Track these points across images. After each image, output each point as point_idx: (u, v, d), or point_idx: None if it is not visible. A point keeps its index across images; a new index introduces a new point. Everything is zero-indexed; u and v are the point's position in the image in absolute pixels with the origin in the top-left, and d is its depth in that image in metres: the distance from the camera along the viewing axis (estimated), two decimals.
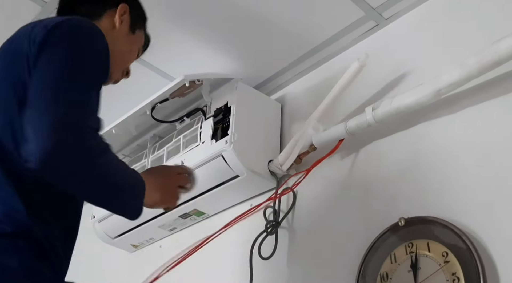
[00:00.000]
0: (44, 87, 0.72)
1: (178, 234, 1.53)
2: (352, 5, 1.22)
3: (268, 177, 1.30)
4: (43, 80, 0.73)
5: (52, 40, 0.77)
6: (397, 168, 1.10)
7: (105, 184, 0.75)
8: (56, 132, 0.68)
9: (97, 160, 0.72)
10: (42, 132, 0.68)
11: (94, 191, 0.75)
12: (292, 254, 1.22)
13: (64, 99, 0.71)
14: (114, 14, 0.96)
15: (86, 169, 0.71)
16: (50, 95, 0.71)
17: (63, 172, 0.70)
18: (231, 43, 1.36)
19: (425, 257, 0.96)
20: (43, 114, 0.69)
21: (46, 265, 0.74)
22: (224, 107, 1.34)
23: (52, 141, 0.67)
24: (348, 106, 1.24)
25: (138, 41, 1.02)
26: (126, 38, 0.98)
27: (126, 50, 0.99)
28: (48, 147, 0.67)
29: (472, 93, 1.02)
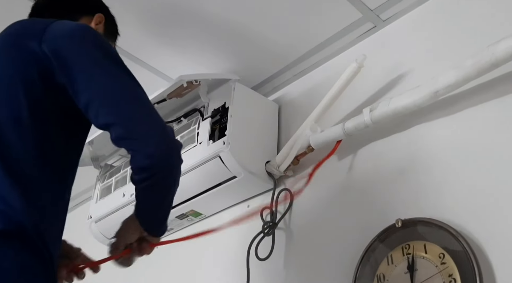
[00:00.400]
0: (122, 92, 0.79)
1: (175, 235, 1.52)
2: (350, 7, 1.22)
3: (265, 178, 1.30)
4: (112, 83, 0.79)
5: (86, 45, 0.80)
6: (394, 169, 1.10)
7: (172, 196, 0.87)
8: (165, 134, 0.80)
9: (179, 168, 0.85)
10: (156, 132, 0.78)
11: (167, 197, 0.86)
12: (289, 255, 1.22)
13: (146, 102, 0.82)
14: (90, 22, 0.97)
15: (177, 173, 0.84)
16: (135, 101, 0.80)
17: (169, 168, 0.81)
18: (229, 44, 1.36)
19: (421, 258, 0.96)
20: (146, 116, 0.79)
21: (39, 263, 0.74)
22: (221, 107, 1.34)
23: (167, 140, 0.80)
24: (345, 107, 1.24)
25: (111, 42, 1.03)
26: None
27: None
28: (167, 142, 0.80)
29: (469, 95, 1.02)
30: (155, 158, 0.78)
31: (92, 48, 0.80)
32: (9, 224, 0.72)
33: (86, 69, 0.78)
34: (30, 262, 0.73)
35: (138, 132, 0.77)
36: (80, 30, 0.82)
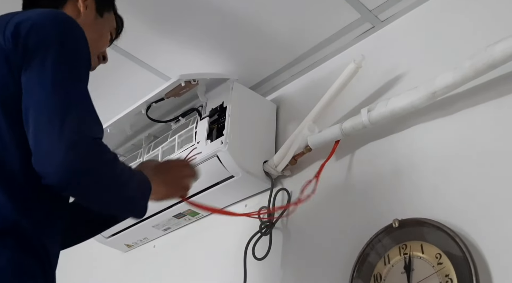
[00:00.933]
0: (47, 101, 0.72)
1: (172, 234, 1.52)
2: (348, 7, 1.22)
3: (262, 177, 1.30)
4: (43, 92, 0.73)
5: (38, 43, 0.76)
6: (392, 170, 1.11)
7: (119, 193, 0.78)
8: (73, 148, 0.70)
9: (114, 171, 0.75)
10: (58, 149, 0.69)
11: (108, 200, 0.78)
12: (286, 255, 1.22)
13: (73, 110, 0.72)
14: (78, 1, 0.93)
15: (103, 181, 0.74)
16: (56, 111, 0.72)
17: (83, 186, 0.72)
18: (227, 44, 1.36)
19: (418, 258, 0.96)
20: (55, 130, 0.70)
21: (35, 263, 0.73)
22: (219, 107, 1.34)
23: (70, 157, 0.69)
24: (343, 108, 1.24)
25: (108, 24, 0.98)
26: (94, 23, 0.94)
27: (96, 36, 0.95)
28: (67, 164, 0.69)
29: (466, 96, 1.02)
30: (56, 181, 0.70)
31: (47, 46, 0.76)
32: (4, 223, 0.72)
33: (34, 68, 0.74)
34: (26, 261, 0.72)
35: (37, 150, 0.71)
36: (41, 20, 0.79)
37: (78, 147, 0.70)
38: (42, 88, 0.73)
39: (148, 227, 1.48)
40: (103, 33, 0.97)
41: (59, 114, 0.71)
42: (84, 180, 0.72)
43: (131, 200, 0.80)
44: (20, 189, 0.75)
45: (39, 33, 0.77)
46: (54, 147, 0.69)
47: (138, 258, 1.60)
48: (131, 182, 0.80)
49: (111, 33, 1.00)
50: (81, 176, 0.71)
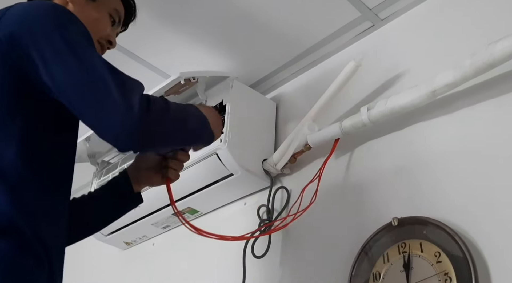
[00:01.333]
0: (82, 82, 0.74)
1: (171, 232, 1.52)
2: (348, 5, 1.22)
3: (262, 176, 1.30)
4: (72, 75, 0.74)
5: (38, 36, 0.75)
6: (391, 168, 1.11)
7: (183, 129, 0.84)
8: (129, 107, 0.73)
9: (169, 113, 0.80)
10: (117, 113, 0.73)
11: (176, 140, 0.85)
12: (285, 253, 1.22)
13: (106, 71, 0.75)
14: None
15: (168, 126, 0.79)
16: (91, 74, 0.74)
17: (154, 138, 0.77)
18: (227, 42, 1.36)
19: (417, 257, 0.96)
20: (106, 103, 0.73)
21: (34, 262, 0.72)
22: (219, 105, 1.34)
23: (132, 117, 0.73)
24: (343, 106, 1.24)
25: (103, 5, 0.94)
26: (85, 7, 0.91)
27: (89, 21, 0.90)
28: (131, 124, 0.73)
29: (466, 95, 1.02)
30: (125, 145, 0.75)
31: (49, 31, 0.76)
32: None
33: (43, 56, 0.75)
34: (23, 260, 0.71)
35: (96, 126, 0.74)
36: (35, 10, 0.78)
37: (134, 108, 0.73)
38: (68, 73, 0.74)
39: (147, 225, 1.48)
40: (97, 17, 0.94)
41: (101, 87, 0.74)
42: (153, 133, 0.76)
43: (198, 133, 0.89)
44: (18, 186, 0.74)
45: (33, 28, 0.76)
46: (114, 118, 0.73)
47: (137, 255, 1.60)
48: (188, 116, 0.86)
49: (111, 15, 0.96)
50: (149, 132, 0.75)
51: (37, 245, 0.73)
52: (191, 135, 0.89)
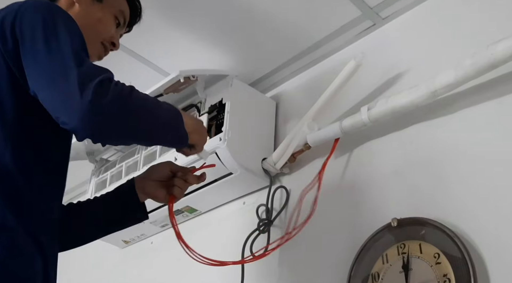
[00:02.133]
0: (46, 66, 0.73)
1: (170, 230, 1.51)
2: (349, 4, 1.22)
3: (261, 175, 1.29)
4: (40, 63, 0.74)
5: (24, 28, 0.76)
6: (391, 169, 1.10)
7: (150, 120, 0.77)
8: (83, 91, 0.70)
9: (131, 98, 0.74)
10: (71, 98, 0.70)
11: (143, 131, 0.77)
12: (284, 253, 1.22)
13: (70, 68, 0.72)
14: None
15: (126, 110, 0.73)
16: (57, 65, 0.73)
17: (106, 123, 0.72)
18: (227, 40, 1.35)
19: (417, 258, 0.96)
20: (63, 92, 0.71)
21: (26, 262, 0.72)
22: (218, 103, 1.33)
23: (84, 101, 0.69)
24: (343, 105, 1.24)
25: (109, 7, 0.95)
26: (91, 8, 0.92)
27: (93, 22, 0.92)
28: (83, 108, 0.69)
29: (467, 95, 1.02)
30: (81, 131, 0.71)
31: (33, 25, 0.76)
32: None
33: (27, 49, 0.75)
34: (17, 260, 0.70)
35: (54, 112, 0.72)
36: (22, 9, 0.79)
37: (87, 92, 0.70)
38: (38, 60, 0.74)
39: (145, 223, 1.47)
40: (102, 18, 0.94)
41: (60, 75, 0.72)
42: (108, 118, 0.71)
43: (166, 125, 0.80)
44: (13, 187, 0.74)
45: (22, 20, 0.77)
46: (68, 103, 0.70)
47: (135, 254, 1.60)
48: (159, 109, 0.80)
49: (117, 16, 0.96)
50: (103, 115, 0.71)
51: (31, 244, 0.73)
52: (157, 128, 0.80)
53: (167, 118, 0.81)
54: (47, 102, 0.73)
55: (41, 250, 0.75)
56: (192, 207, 1.42)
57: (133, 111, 0.75)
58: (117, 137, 0.76)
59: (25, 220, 0.73)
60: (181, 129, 0.83)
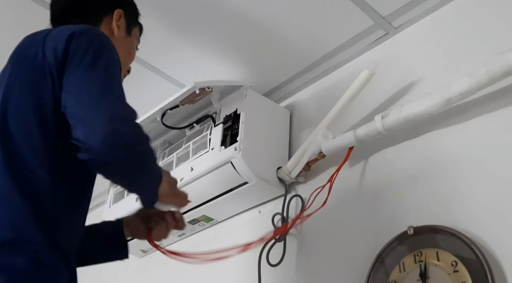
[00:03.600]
0: (88, 85, 0.76)
1: (186, 239, 1.53)
2: (361, 14, 1.23)
3: (276, 184, 1.30)
4: (84, 79, 0.77)
5: (77, 49, 0.79)
6: (406, 177, 1.10)
7: (145, 172, 0.80)
8: (112, 122, 0.73)
9: (146, 149, 0.79)
10: (99, 123, 0.72)
11: (135, 178, 0.80)
12: (301, 261, 1.22)
13: (111, 94, 0.77)
14: (111, 21, 0.96)
15: (139, 157, 0.77)
16: (97, 91, 0.76)
17: (116, 158, 0.74)
18: (241, 51, 1.37)
19: (434, 266, 0.96)
20: (96, 107, 0.74)
21: (51, 276, 0.73)
22: (233, 114, 1.35)
23: (109, 129, 0.72)
24: (357, 114, 1.25)
25: (135, 39, 1.02)
26: (125, 42, 0.97)
27: (126, 54, 0.98)
28: (105, 134, 0.72)
29: (481, 103, 1.02)
30: (94, 154, 0.73)
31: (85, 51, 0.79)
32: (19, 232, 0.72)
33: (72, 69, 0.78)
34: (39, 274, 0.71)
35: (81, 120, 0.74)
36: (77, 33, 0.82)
37: (118, 120, 0.74)
38: (82, 81, 0.77)
39: None
40: (131, 51, 1.01)
41: (99, 93, 0.75)
42: (121, 152, 0.74)
43: (151, 183, 0.82)
44: (45, 201, 0.76)
45: (78, 40, 0.80)
46: (95, 118, 0.73)
47: (153, 263, 1.62)
48: (154, 166, 0.83)
49: (136, 46, 1.04)
50: (119, 148, 0.73)
51: (56, 258, 0.75)
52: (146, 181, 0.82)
53: (156, 179, 0.83)
54: (75, 113, 0.75)
55: (69, 265, 0.76)
56: (208, 216, 1.43)
57: (142, 160, 0.78)
58: (118, 173, 0.78)
59: (53, 234, 0.75)
60: (153, 191, 0.84)
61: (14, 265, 0.69)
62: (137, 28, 1.04)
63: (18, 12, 1.29)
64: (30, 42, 0.84)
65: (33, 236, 0.73)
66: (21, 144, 0.77)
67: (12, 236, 0.72)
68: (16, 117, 0.79)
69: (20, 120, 0.78)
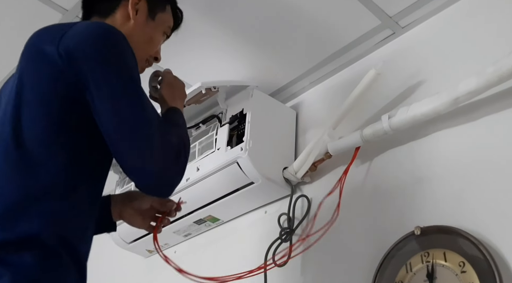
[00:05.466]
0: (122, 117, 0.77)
1: (193, 239, 1.53)
2: (368, 14, 1.22)
3: (282, 184, 1.30)
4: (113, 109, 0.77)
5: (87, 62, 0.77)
6: (413, 177, 1.10)
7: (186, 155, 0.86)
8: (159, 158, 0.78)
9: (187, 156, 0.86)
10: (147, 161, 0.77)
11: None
12: (307, 262, 1.22)
13: (147, 121, 0.78)
14: (128, 5, 0.93)
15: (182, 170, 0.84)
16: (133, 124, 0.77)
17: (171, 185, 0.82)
18: (247, 51, 1.37)
19: (441, 266, 0.95)
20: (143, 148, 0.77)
21: (60, 273, 0.73)
22: (239, 114, 1.35)
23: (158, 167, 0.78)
24: (364, 114, 1.24)
25: (160, 25, 0.96)
26: (145, 26, 0.93)
27: (145, 39, 0.94)
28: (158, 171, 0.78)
29: (490, 102, 1.01)
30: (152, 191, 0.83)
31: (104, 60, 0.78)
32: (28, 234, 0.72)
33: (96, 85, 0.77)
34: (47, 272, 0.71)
35: (131, 169, 0.78)
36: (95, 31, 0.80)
37: (167, 158, 0.78)
38: (110, 113, 0.77)
39: (169, 233, 1.49)
40: (154, 36, 0.96)
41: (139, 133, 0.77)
42: (177, 181, 0.82)
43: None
44: (58, 200, 0.75)
45: (90, 51, 0.78)
46: (147, 163, 0.77)
47: (159, 263, 1.61)
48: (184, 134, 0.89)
49: (165, 32, 0.99)
50: (175, 180, 0.81)
51: (64, 254, 0.74)
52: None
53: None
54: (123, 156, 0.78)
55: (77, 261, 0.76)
56: (214, 217, 1.43)
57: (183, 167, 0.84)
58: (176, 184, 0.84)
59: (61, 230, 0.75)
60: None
61: (21, 262, 0.70)
62: (165, 13, 0.97)
63: (26, 12, 1.30)
64: (40, 41, 0.81)
65: (40, 232, 0.73)
66: (34, 141, 0.76)
67: (18, 232, 0.72)
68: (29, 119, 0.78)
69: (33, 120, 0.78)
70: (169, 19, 1.00)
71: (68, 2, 1.27)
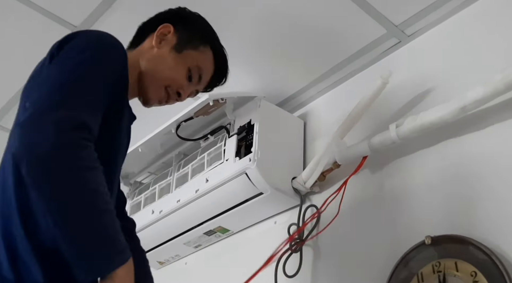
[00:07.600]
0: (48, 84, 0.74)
1: (203, 251, 1.54)
2: (374, 23, 1.23)
3: (291, 194, 1.30)
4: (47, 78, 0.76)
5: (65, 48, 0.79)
6: (423, 186, 1.09)
7: (83, 208, 0.64)
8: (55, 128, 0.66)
9: (84, 173, 0.65)
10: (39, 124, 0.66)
11: (65, 210, 0.63)
12: (317, 272, 1.22)
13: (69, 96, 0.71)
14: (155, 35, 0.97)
15: (69, 176, 0.63)
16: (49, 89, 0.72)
17: (45, 169, 0.63)
18: (254, 61, 1.38)
19: (453, 276, 0.94)
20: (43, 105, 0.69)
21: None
22: (247, 124, 1.36)
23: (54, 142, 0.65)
24: (371, 123, 1.24)
25: (185, 60, 0.96)
26: (168, 56, 0.95)
27: (164, 68, 0.94)
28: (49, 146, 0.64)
29: (497, 110, 1.01)
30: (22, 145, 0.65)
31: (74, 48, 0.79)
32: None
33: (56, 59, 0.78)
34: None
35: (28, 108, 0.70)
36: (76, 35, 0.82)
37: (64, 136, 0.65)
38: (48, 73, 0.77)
39: (179, 244, 1.50)
40: (175, 67, 0.95)
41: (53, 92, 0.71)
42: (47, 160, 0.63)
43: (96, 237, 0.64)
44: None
45: (69, 42, 0.80)
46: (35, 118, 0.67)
47: (170, 275, 1.62)
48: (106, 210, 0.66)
49: (190, 69, 0.96)
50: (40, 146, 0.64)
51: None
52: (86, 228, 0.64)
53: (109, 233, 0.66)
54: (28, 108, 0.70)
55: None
56: (224, 227, 1.43)
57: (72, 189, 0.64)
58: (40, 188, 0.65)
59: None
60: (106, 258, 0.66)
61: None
62: (198, 52, 0.97)
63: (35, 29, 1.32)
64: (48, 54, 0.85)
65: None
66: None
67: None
68: None
69: None
70: (199, 59, 0.98)
71: (77, 19, 1.29)
